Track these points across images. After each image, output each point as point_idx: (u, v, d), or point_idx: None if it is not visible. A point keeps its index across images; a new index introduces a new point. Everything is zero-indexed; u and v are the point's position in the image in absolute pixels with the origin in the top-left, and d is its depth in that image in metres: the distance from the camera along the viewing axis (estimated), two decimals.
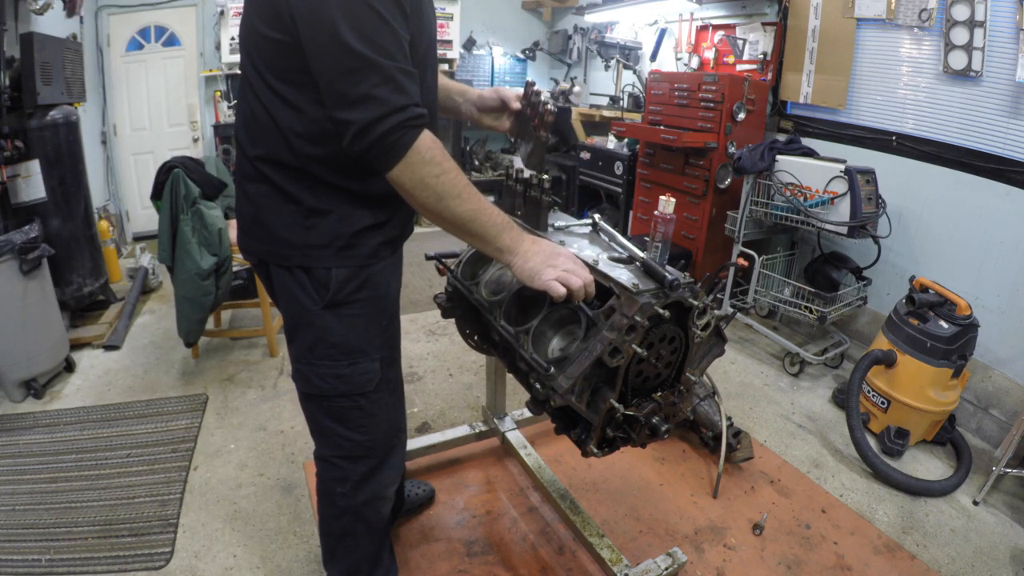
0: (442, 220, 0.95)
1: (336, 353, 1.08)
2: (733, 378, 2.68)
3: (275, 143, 0.98)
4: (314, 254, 1.03)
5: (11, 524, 1.65)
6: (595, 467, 1.99)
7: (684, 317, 1.07)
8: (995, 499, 1.98)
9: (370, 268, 1.08)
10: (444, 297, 1.47)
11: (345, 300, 1.06)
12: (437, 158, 0.91)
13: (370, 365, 1.11)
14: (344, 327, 1.07)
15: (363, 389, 1.11)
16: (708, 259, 3.18)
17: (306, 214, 1.01)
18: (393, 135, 0.87)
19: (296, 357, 1.12)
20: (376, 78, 0.85)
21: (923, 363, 2.10)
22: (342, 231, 1.03)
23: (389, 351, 1.17)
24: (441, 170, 0.91)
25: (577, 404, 1.02)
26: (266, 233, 1.04)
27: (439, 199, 0.92)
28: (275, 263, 1.07)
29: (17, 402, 2.23)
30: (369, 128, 0.86)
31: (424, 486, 1.80)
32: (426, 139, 0.90)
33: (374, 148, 0.88)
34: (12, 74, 2.46)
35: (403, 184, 0.91)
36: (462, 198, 0.93)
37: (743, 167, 2.68)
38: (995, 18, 2.23)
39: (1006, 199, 2.29)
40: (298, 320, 1.09)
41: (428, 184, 0.91)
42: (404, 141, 0.88)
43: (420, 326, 3.03)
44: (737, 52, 3.50)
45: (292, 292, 1.07)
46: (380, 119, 0.86)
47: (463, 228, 0.97)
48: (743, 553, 1.68)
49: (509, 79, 5.33)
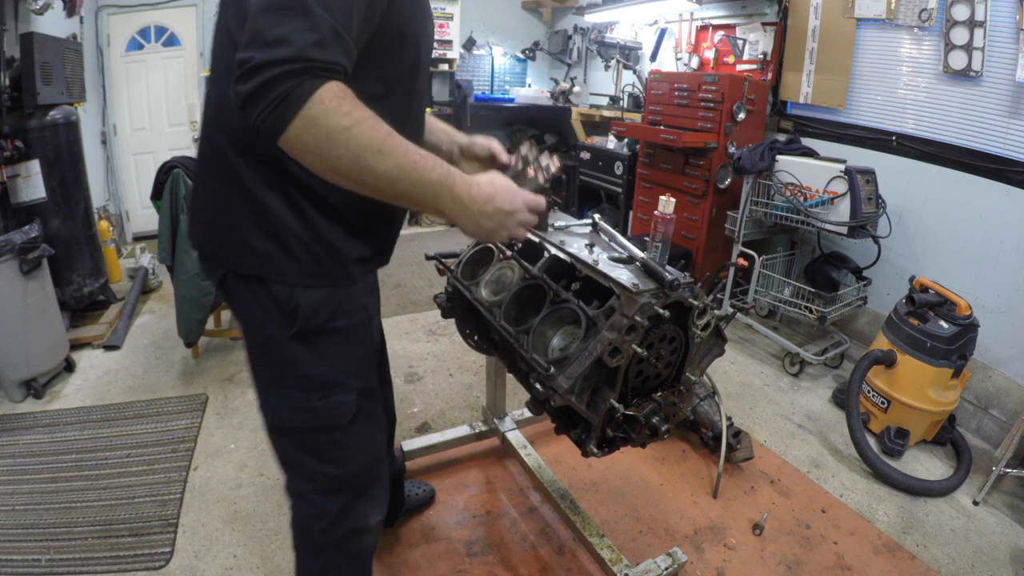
0: (363, 185, 0.77)
1: (308, 385, 0.96)
2: (733, 378, 2.68)
3: (238, 119, 0.81)
4: (277, 265, 0.89)
5: (11, 524, 1.65)
6: (595, 467, 1.99)
7: (684, 317, 1.08)
8: (995, 499, 1.98)
9: (344, 290, 0.95)
10: (444, 297, 1.47)
11: (316, 329, 0.93)
12: (345, 107, 0.72)
13: (346, 397, 0.99)
14: (316, 358, 0.95)
15: (338, 423, 0.99)
16: (708, 259, 3.18)
17: (270, 213, 0.88)
18: (287, 81, 0.69)
19: (262, 387, 1.01)
20: (300, 23, 0.70)
21: (923, 363, 2.10)
22: (312, 240, 0.89)
23: (367, 380, 1.04)
24: (352, 120, 0.72)
25: (577, 404, 1.02)
26: (226, 234, 0.91)
27: (355, 158, 0.74)
28: (234, 272, 0.93)
29: (17, 402, 2.22)
30: (264, 67, 0.68)
31: (424, 486, 1.79)
32: (333, 86, 0.72)
33: (261, 95, 0.69)
34: (12, 74, 2.46)
35: (305, 146, 0.72)
36: (384, 152, 0.75)
37: (743, 167, 2.68)
38: (995, 18, 2.23)
39: (1006, 199, 2.29)
40: (263, 348, 0.97)
41: (337, 140, 0.72)
42: (301, 90, 0.70)
43: (420, 326, 3.03)
44: (737, 52, 3.50)
45: (255, 315, 0.94)
46: (279, 61, 0.69)
47: (390, 191, 0.79)
48: (743, 553, 1.68)
49: (509, 79, 5.33)
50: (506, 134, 5.55)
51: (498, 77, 5.29)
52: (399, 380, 2.49)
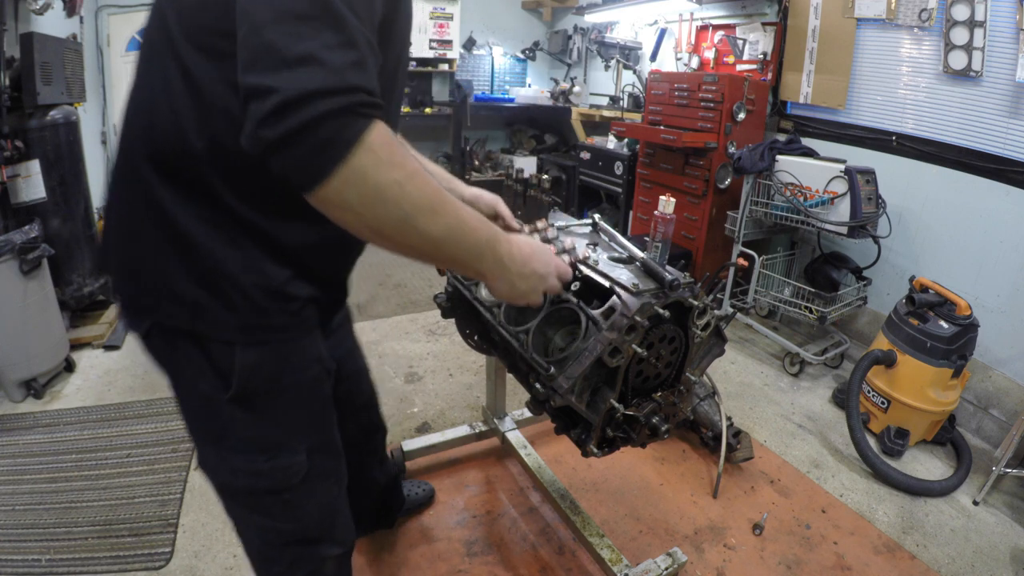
0: (404, 247, 0.66)
1: (251, 448, 0.84)
2: (733, 378, 2.68)
3: (170, 138, 0.69)
4: (210, 317, 0.74)
5: (11, 524, 1.65)
6: (595, 467, 1.99)
7: (684, 317, 1.08)
8: (995, 499, 1.98)
9: (295, 343, 0.81)
10: (444, 297, 1.47)
11: (258, 391, 0.80)
12: (397, 156, 0.61)
13: (295, 458, 0.88)
14: (259, 420, 0.83)
15: (287, 484, 0.88)
16: (708, 259, 3.18)
17: (201, 252, 0.72)
18: (333, 122, 0.56)
19: (199, 446, 0.89)
20: (332, 36, 0.56)
21: (923, 363, 2.10)
22: (253, 285, 0.74)
23: (321, 436, 0.93)
24: (405, 173, 0.61)
25: (577, 404, 1.02)
26: (147, 278, 0.75)
27: (404, 219, 0.62)
28: (158, 324, 0.77)
29: (17, 402, 2.22)
30: (297, 105, 0.54)
31: (424, 486, 1.79)
32: (382, 130, 0.60)
33: (296, 142, 0.56)
34: (12, 74, 2.46)
35: (346, 203, 0.60)
36: (436, 211, 0.65)
37: (743, 167, 2.68)
38: (995, 18, 2.23)
39: (1006, 199, 2.29)
40: (196, 408, 0.84)
41: (387, 197, 0.60)
42: (347, 134, 0.57)
43: (420, 326, 3.03)
44: (737, 52, 3.50)
45: (185, 374, 0.81)
46: (319, 95, 0.55)
47: (435, 254, 0.69)
48: (743, 553, 1.68)
49: (509, 79, 5.33)
50: (506, 134, 5.56)
51: (498, 77, 5.28)
52: (399, 380, 2.49)
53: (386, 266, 3.82)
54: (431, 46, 4.64)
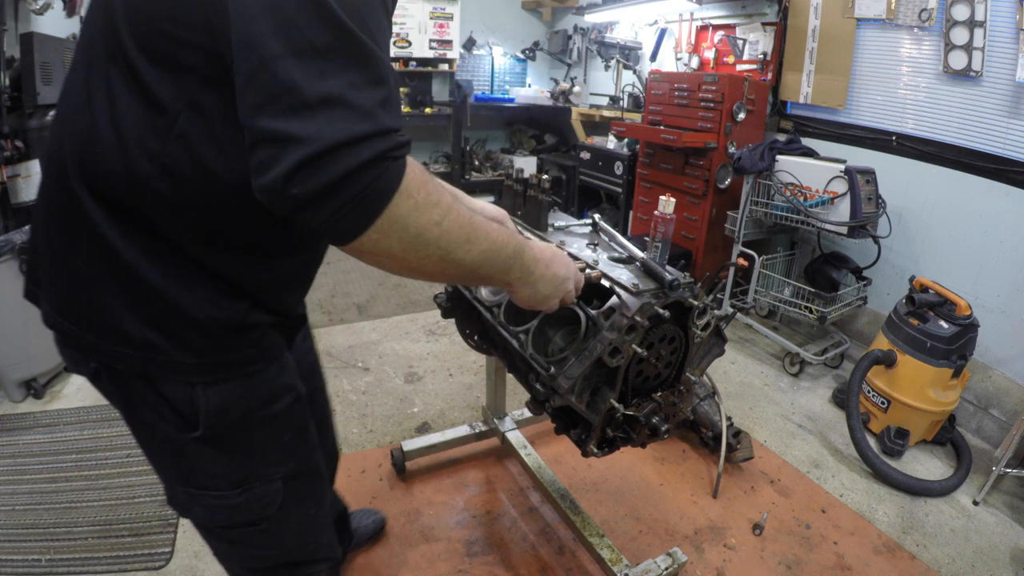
0: (441, 277, 0.66)
1: (221, 484, 0.79)
2: (733, 378, 2.68)
3: (113, 162, 0.61)
4: (164, 360, 0.68)
5: (11, 524, 1.65)
6: (595, 467, 1.99)
7: (684, 317, 1.07)
8: (995, 499, 1.98)
9: (263, 375, 0.76)
10: (444, 297, 1.47)
11: (228, 430, 0.75)
12: (433, 195, 0.59)
13: (269, 488, 0.83)
14: (228, 457, 0.77)
15: (264, 514, 0.84)
16: (708, 259, 3.18)
17: (149, 289, 0.65)
18: (370, 172, 0.52)
19: (168, 483, 0.82)
20: (358, 74, 0.51)
21: (923, 363, 2.10)
22: (209, 321, 0.68)
23: (298, 463, 0.87)
24: (442, 212, 0.60)
25: (577, 404, 1.02)
26: (91, 316, 0.67)
27: (444, 255, 0.61)
28: (105, 364, 0.70)
29: (17, 402, 2.22)
30: (329, 157, 0.50)
31: (373, 515, 1.66)
32: (415, 171, 0.58)
33: (329, 197, 0.51)
34: (12, 74, 2.46)
35: (387, 250, 0.58)
36: (471, 240, 0.63)
37: (743, 167, 2.68)
38: (995, 18, 2.23)
39: (1006, 199, 2.29)
40: (159, 447, 0.78)
41: (428, 239, 0.59)
42: (387, 182, 0.54)
43: (420, 326, 3.03)
44: (737, 52, 3.50)
45: (143, 417, 0.74)
46: (351, 143, 0.50)
47: (469, 277, 0.70)
48: (743, 553, 1.68)
49: (509, 79, 5.33)
50: (506, 134, 5.56)
51: (498, 77, 5.28)
52: (399, 380, 2.49)
53: None
54: (431, 46, 4.63)
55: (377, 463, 1.96)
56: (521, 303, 0.85)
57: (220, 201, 0.63)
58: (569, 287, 0.89)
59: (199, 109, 0.58)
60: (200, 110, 0.59)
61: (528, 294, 0.81)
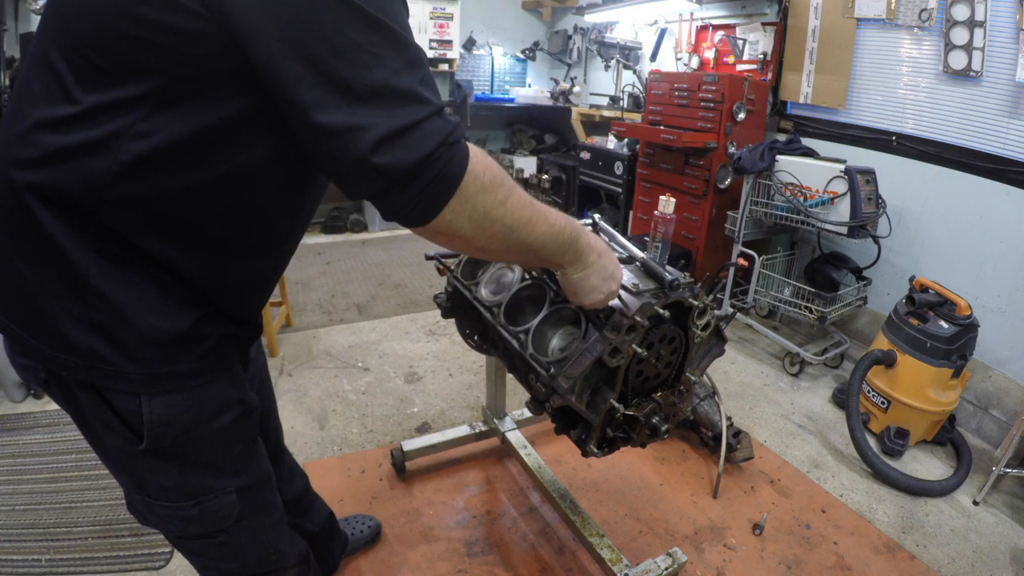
0: (504, 256, 0.72)
1: (173, 495, 0.78)
2: (733, 378, 2.68)
3: (63, 160, 0.60)
4: (109, 370, 0.66)
5: (11, 524, 1.65)
6: (595, 467, 1.99)
7: (684, 317, 1.08)
8: (995, 499, 1.98)
9: (212, 387, 0.74)
10: (444, 297, 1.47)
11: (175, 443, 0.74)
12: (498, 176, 0.63)
13: (224, 500, 0.82)
14: (178, 470, 0.76)
15: (221, 526, 0.84)
16: (708, 259, 3.18)
17: (94, 294, 0.63)
18: (442, 156, 0.56)
19: (125, 490, 0.82)
20: (398, 60, 0.54)
21: (923, 363, 2.10)
22: (155, 329, 0.66)
23: (251, 474, 0.86)
24: (505, 192, 0.63)
25: (577, 404, 1.02)
26: (36, 320, 0.65)
27: (508, 234, 0.65)
28: (51, 372, 0.68)
29: (17, 402, 2.22)
30: (398, 142, 0.54)
31: (369, 522, 1.64)
32: (477, 153, 0.61)
33: (406, 186, 0.56)
34: (12, 74, 2.46)
35: (459, 230, 0.61)
36: (533, 221, 0.67)
37: (743, 167, 2.68)
38: (995, 18, 2.23)
39: (1006, 199, 2.29)
40: (111, 460, 0.78)
41: (494, 218, 0.62)
42: (457, 164, 0.58)
43: (420, 326, 3.03)
44: (737, 52, 3.50)
45: (93, 428, 0.73)
46: (411, 128, 0.55)
47: (529, 258, 0.73)
48: (743, 553, 1.68)
49: (509, 79, 5.33)
50: (506, 134, 5.56)
51: (498, 77, 5.29)
52: (399, 380, 2.49)
53: (386, 266, 3.82)
54: (431, 46, 4.64)
55: (377, 463, 1.96)
56: (569, 290, 0.87)
57: (189, 197, 0.62)
58: (614, 287, 0.91)
59: (166, 103, 0.58)
60: (167, 105, 0.58)
61: (578, 278, 0.83)
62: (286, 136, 0.60)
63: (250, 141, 0.62)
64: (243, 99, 0.59)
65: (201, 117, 0.58)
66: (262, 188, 0.68)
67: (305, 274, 3.63)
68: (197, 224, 0.65)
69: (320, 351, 2.69)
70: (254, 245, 0.74)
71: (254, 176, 0.65)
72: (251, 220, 0.70)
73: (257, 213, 0.70)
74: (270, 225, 0.74)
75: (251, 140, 0.62)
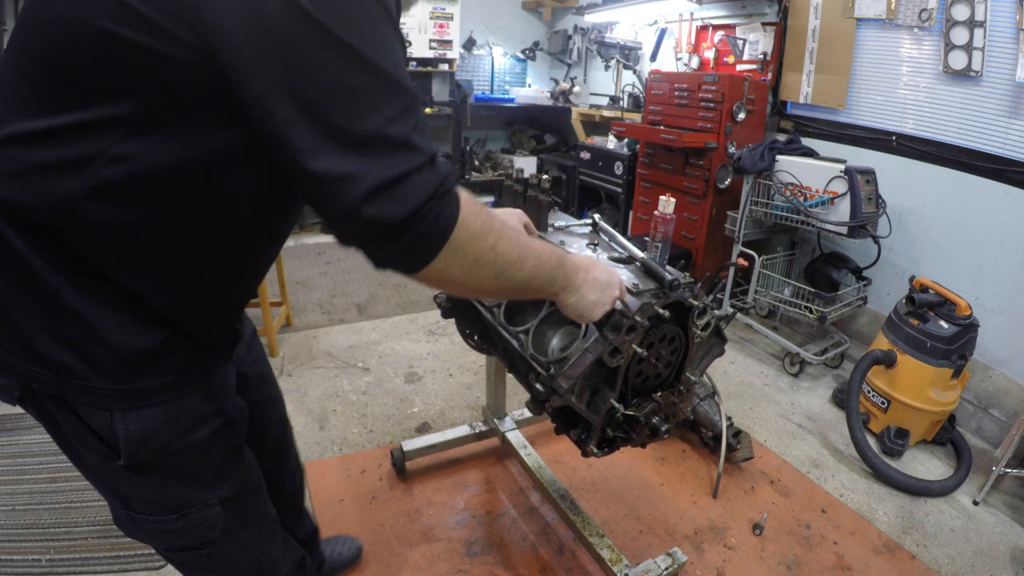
0: (499, 293, 0.75)
1: (156, 509, 0.77)
2: (733, 378, 2.68)
3: (30, 180, 0.58)
4: (80, 385, 0.65)
5: (11, 524, 1.65)
6: (595, 467, 1.99)
7: (684, 317, 1.08)
8: (995, 499, 1.98)
9: (186, 400, 0.73)
10: (444, 297, 1.47)
11: (152, 459, 0.72)
12: (487, 221, 0.63)
13: (208, 512, 0.80)
14: (158, 484, 0.75)
15: (207, 537, 0.82)
16: (708, 259, 3.18)
17: (64, 310, 0.62)
18: (432, 209, 0.56)
19: (109, 502, 0.81)
20: (393, 106, 0.54)
21: (923, 363, 2.10)
22: (126, 345, 0.65)
23: (235, 485, 0.84)
24: (495, 237, 0.64)
25: (577, 404, 1.02)
26: (6, 335, 0.64)
27: (498, 275, 0.67)
28: (23, 386, 0.67)
29: None
30: (388, 193, 0.54)
31: (350, 542, 1.58)
32: (467, 199, 0.62)
33: (396, 239, 0.56)
34: None
35: (450, 277, 0.62)
36: (521, 259, 0.69)
37: (743, 167, 2.68)
38: (995, 18, 2.23)
39: (1006, 199, 2.29)
40: (92, 475, 0.77)
41: (484, 263, 0.64)
42: (447, 216, 0.58)
43: (420, 326, 3.03)
44: (737, 52, 3.50)
45: (70, 444, 0.73)
46: (402, 178, 0.54)
47: (518, 293, 0.76)
48: (743, 553, 1.68)
49: (509, 79, 5.33)
50: (506, 134, 5.56)
51: (498, 77, 5.29)
52: (399, 380, 2.49)
53: None
54: (431, 46, 4.64)
55: (377, 463, 1.96)
56: (571, 313, 0.87)
57: (162, 227, 0.61)
58: (615, 292, 0.91)
59: (144, 127, 0.56)
60: (145, 129, 0.56)
61: (574, 301, 0.84)
62: (268, 167, 0.59)
63: (231, 171, 0.61)
64: (227, 130, 0.57)
65: (180, 145, 0.57)
66: (240, 218, 0.67)
67: (305, 274, 3.63)
68: (169, 256, 0.65)
69: (320, 351, 2.69)
70: (227, 277, 0.73)
71: (233, 207, 0.65)
72: (226, 251, 0.69)
73: (234, 243, 0.69)
74: (244, 254, 0.74)
75: (232, 170, 0.61)
